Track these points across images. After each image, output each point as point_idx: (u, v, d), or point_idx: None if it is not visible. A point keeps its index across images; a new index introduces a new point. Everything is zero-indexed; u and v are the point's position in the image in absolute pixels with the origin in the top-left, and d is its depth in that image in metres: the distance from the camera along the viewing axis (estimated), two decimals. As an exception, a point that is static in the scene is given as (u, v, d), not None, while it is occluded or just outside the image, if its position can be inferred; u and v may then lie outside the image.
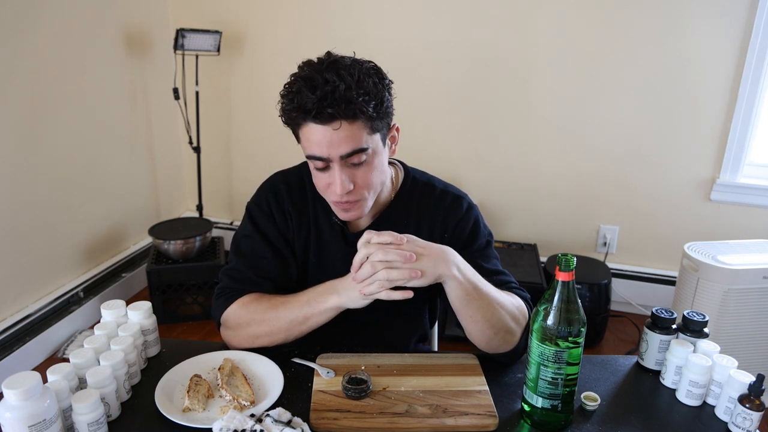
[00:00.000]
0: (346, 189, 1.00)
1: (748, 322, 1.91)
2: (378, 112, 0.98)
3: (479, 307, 0.98)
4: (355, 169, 1.01)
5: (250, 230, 1.15)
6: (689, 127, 2.42)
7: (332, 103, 0.93)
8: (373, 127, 1.00)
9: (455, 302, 0.99)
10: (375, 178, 1.04)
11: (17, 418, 0.76)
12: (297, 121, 0.99)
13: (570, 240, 2.73)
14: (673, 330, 1.05)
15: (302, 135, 1.01)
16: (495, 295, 1.00)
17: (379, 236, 0.94)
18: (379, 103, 0.98)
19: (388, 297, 0.93)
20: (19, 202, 2.13)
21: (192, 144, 2.77)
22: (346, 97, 0.93)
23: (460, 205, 1.16)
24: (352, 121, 0.96)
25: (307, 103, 0.94)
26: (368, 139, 0.99)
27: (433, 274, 0.94)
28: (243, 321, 1.07)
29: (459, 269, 0.97)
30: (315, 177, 1.06)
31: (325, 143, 0.97)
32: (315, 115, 0.94)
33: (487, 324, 0.99)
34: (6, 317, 2.13)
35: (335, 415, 0.92)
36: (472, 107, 2.65)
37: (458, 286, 0.96)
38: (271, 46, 2.79)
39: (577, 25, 2.42)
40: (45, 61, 2.18)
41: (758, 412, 0.88)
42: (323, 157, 0.99)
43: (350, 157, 0.99)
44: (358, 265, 0.94)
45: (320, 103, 0.93)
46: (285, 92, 1.00)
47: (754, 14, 2.20)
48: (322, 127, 0.96)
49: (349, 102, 0.94)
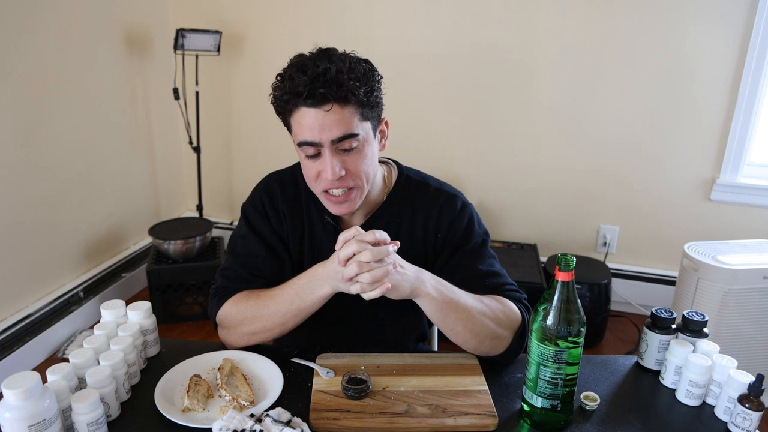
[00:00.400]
0: (336, 175, 1.00)
1: (748, 322, 1.91)
2: (368, 99, 1.00)
3: (458, 319, 0.99)
4: (346, 156, 1.01)
5: (245, 230, 1.15)
6: (689, 127, 2.42)
7: (324, 84, 0.95)
8: (364, 115, 1.01)
9: (432, 317, 1.00)
10: (366, 167, 1.04)
11: (17, 418, 0.76)
12: (288, 106, 1.00)
13: (570, 240, 2.73)
14: (672, 330, 1.05)
15: (294, 121, 1.01)
16: (473, 305, 1.00)
17: (362, 235, 0.93)
18: (369, 90, 0.99)
19: (368, 297, 0.93)
20: (19, 202, 2.13)
21: (192, 144, 2.77)
22: (337, 80, 0.95)
23: (454, 203, 1.15)
24: (344, 104, 0.97)
25: (299, 85, 0.95)
26: (359, 126, 1.00)
27: (405, 289, 0.94)
28: (237, 319, 1.08)
29: (432, 285, 0.98)
30: (305, 168, 1.06)
31: (317, 126, 0.98)
32: (307, 96, 0.95)
33: (469, 334, 1.00)
34: (6, 317, 2.14)
35: (335, 415, 0.92)
36: (472, 107, 2.65)
37: (431, 301, 0.97)
38: (271, 46, 2.79)
39: (577, 24, 2.41)
40: (45, 61, 2.18)
41: (758, 412, 0.88)
42: (314, 142, 0.99)
43: (341, 142, 0.99)
44: (344, 261, 0.93)
45: (312, 84, 0.95)
46: (277, 81, 1.01)
47: (754, 14, 2.20)
48: (313, 110, 0.97)
49: (341, 84, 0.95)
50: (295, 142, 1.03)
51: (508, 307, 1.06)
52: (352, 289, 0.93)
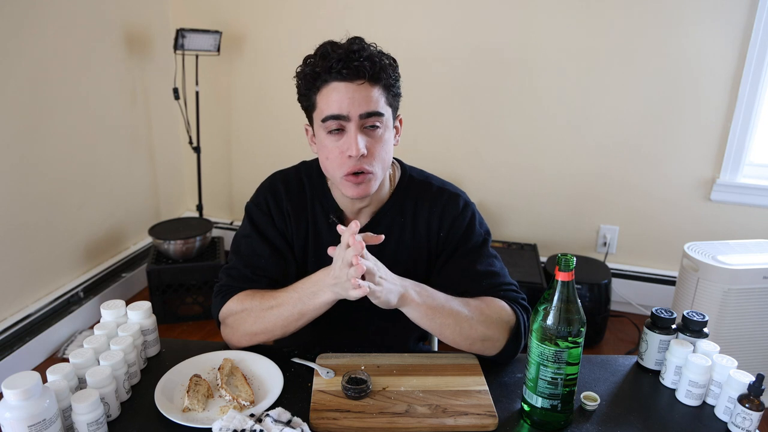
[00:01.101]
0: (360, 151, 1.00)
1: (748, 322, 1.91)
2: (394, 85, 1.04)
3: (444, 324, 1.01)
4: (369, 136, 1.03)
5: (249, 230, 1.15)
6: (689, 127, 2.42)
7: (359, 58, 0.98)
8: (388, 100, 1.04)
9: (420, 323, 1.01)
10: (385, 153, 1.06)
11: (17, 418, 0.76)
12: (318, 82, 1.01)
13: (570, 240, 2.73)
14: (672, 330, 1.05)
15: (321, 97, 1.02)
16: (459, 310, 1.01)
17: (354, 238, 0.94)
18: (396, 78, 1.04)
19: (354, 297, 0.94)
20: (19, 202, 2.13)
21: (192, 144, 2.77)
22: (371, 57, 0.99)
23: (456, 203, 1.16)
24: (374, 83, 1.01)
25: (333, 58, 0.98)
26: (384, 108, 1.03)
27: (393, 300, 0.96)
28: (239, 317, 1.08)
29: (416, 292, 1.00)
30: (326, 149, 1.04)
31: (346, 100, 0.99)
32: (342, 67, 0.98)
33: (459, 337, 1.02)
34: (6, 317, 2.14)
35: (335, 415, 0.92)
36: (472, 107, 2.65)
37: (417, 308, 0.99)
38: (271, 46, 2.79)
39: (577, 25, 2.41)
40: (45, 61, 2.18)
41: (758, 412, 0.88)
42: (342, 115, 1.00)
43: (368, 118, 1.01)
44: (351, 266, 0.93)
45: (348, 57, 0.98)
46: (307, 58, 1.03)
47: (754, 14, 2.20)
48: (345, 84, 0.99)
49: (374, 62, 0.99)
50: (319, 118, 1.03)
51: (500, 307, 1.06)
52: (352, 294, 0.93)
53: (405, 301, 0.98)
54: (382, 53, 1.03)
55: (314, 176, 1.17)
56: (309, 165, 1.20)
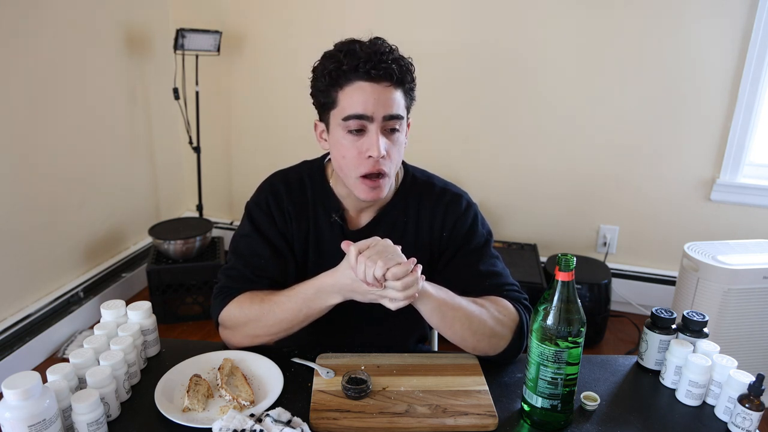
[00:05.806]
0: (382, 153, 1.00)
1: (748, 322, 1.91)
2: (413, 89, 1.06)
3: (455, 317, 1.00)
4: (388, 138, 1.03)
5: (249, 230, 1.15)
6: (689, 127, 2.42)
7: (387, 60, 0.98)
8: (406, 103, 1.05)
9: (430, 318, 1.01)
10: (399, 156, 1.07)
11: (17, 418, 0.76)
12: (341, 80, 1.00)
13: (570, 240, 2.73)
14: (672, 330, 1.05)
15: (344, 95, 1.01)
16: (468, 305, 1.02)
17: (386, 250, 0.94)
18: (415, 82, 1.06)
19: (396, 308, 0.95)
20: (19, 202, 2.13)
21: (192, 144, 2.77)
22: (397, 60, 1.00)
23: (458, 203, 1.16)
24: (398, 86, 1.01)
25: (361, 57, 0.98)
26: (404, 111, 1.04)
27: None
28: (240, 320, 1.07)
29: (431, 285, 1.00)
30: (344, 148, 1.03)
31: (371, 101, 0.99)
32: (370, 68, 0.97)
33: (468, 332, 1.01)
34: (6, 317, 2.13)
35: (335, 415, 0.92)
36: (472, 107, 2.65)
37: (430, 299, 0.99)
38: (271, 46, 2.79)
39: (577, 25, 2.41)
40: (45, 61, 2.18)
41: (758, 412, 0.88)
42: (366, 115, 1.00)
43: (390, 121, 1.02)
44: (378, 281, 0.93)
45: (377, 57, 0.98)
46: (330, 54, 1.02)
47: (754, 14, 2.20)
48: (370, 84, 0.99)
49: (400, 66, 1.00)
50: (340, 116, 1.02)
51: (504, 306, 1.06)
52: (386, 303, 0.94)
53: (422, 294, 0.98)
54: (403, 56, 1.04)
55: (315, 176, 1.17)
56: (310, 164, 1.20)
